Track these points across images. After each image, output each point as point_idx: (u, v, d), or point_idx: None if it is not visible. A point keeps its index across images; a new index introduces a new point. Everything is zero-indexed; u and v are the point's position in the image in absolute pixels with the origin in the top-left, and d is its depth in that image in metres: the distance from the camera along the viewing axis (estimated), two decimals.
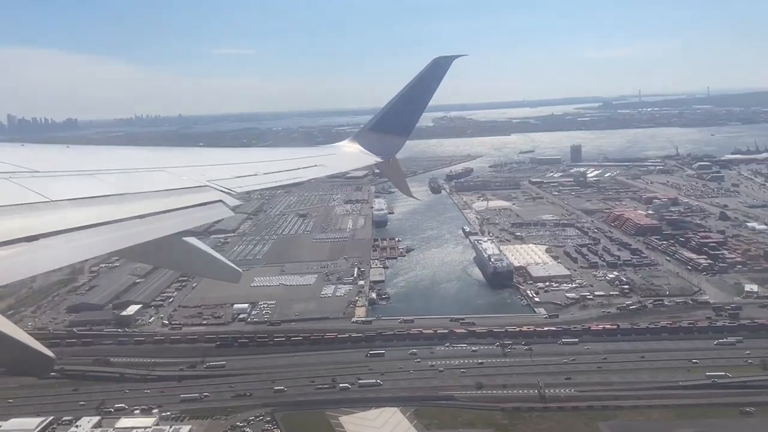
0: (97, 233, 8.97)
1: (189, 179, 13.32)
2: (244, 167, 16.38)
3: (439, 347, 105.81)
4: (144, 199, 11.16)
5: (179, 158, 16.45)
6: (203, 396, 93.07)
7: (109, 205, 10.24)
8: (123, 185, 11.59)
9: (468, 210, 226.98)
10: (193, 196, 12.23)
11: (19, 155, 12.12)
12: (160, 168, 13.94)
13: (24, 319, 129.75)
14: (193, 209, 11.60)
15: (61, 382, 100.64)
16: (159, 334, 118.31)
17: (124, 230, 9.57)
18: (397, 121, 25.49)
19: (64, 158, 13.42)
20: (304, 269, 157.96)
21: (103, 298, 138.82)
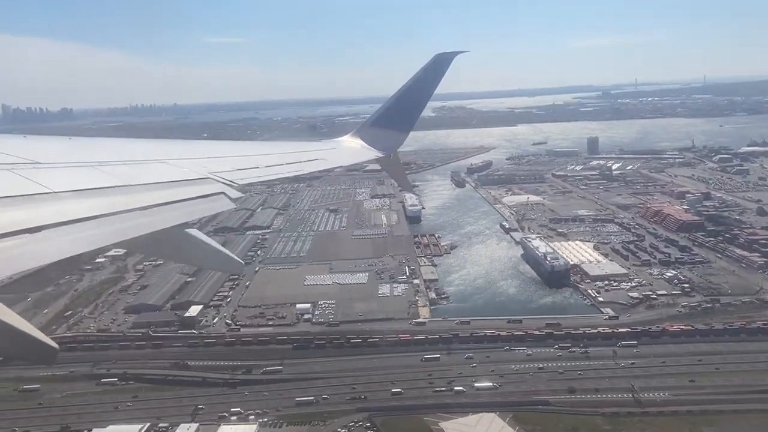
0: (100, 225, 9.07)
1: (191, 171, 13.42)
2: (245, 160, 16.51)
3: (520, 350, 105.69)
4: (146, 190, 11.29)
5: (181, 150, 16.62)
6: (323, 398, 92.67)
7: (111, 197, 10.33)
8: (125, 177, 11.65)
9: (499, 205, 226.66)
10: (195, 188, 12.36)
11: (22, 147, 12.27)
12: (162, 160, 14.04)
13: (84, 321, 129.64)
14: (195, 201, 11.74)
15: (142, 387, 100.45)
16: (228, 335, 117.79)
17: (127, 222, 9.65)
18: (398, 116, 25.81)
19: (66, 150, 13.59)
20: (353, 267, 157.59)
21: (160, 298, 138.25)
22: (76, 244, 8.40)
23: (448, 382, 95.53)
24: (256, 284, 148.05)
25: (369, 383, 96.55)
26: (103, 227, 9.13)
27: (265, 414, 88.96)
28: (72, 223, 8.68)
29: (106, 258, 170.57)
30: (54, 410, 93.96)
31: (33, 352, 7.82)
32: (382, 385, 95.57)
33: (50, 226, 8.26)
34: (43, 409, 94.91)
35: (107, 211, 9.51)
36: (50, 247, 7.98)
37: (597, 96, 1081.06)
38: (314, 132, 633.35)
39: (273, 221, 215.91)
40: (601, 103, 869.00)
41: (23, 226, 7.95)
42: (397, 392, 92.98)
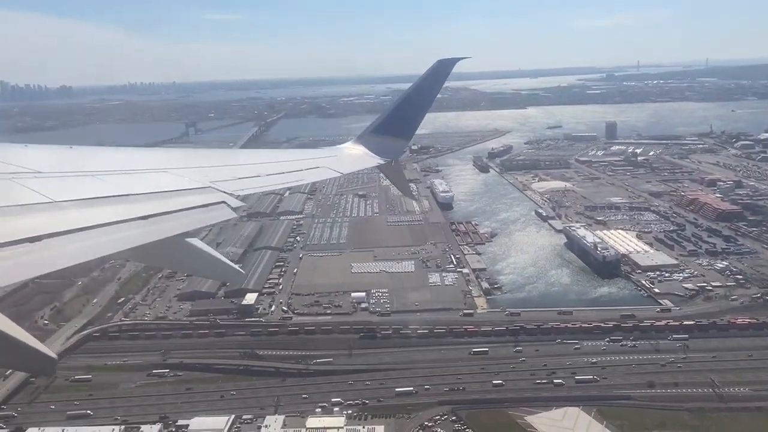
0: (100, 234, 9.11)
1: (191, 180, 13.48)
2: (246, 169, 16.50)
3: (590, 342, 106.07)
4: (147, 200, 11.32)
5: (182, 159, 16.67)
6: (424, 389, 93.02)
7: (112, 206, 10.37)
8: (126, 186, 11.73)
9: (529, 191, 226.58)
10: (196, 198, 12.41)
11: (23, 156, 12.32)
12: (162, 169, 14.09)
13: (138, 308, 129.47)
14: (195, 210, 11.77)
15: (213, 377, 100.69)
16: (290, 324, 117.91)
17: (128, 231, 9.69)
18: (400, 123, 25.72)
19: (67, 159, 13.65)
20: (396, 255, 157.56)
21: (211, 285, 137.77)
22: (77, 253, 8.44)
23: (549, 374, 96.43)
24: (303, 271, 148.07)
25: (450, 375, 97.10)
26: (104, 236, 9.19)
27: (351, 406, 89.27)
28: (73, 233, 8.73)
29: None
30: (134, 400, 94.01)
31: (31, 363, 7.76)
32: (472, 377, 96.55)
33: (51, 236, 8.31)
34: (120, 399, 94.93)
35: (108, 221, 9.57)
36: (50, 257, 8.01)
37: (601, 78, 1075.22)
38: (322, 113, 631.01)
39: (303, 206, 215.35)
40: (607, 86, 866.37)
41: (24, 235, 7.99)
42: (499, 384, 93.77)
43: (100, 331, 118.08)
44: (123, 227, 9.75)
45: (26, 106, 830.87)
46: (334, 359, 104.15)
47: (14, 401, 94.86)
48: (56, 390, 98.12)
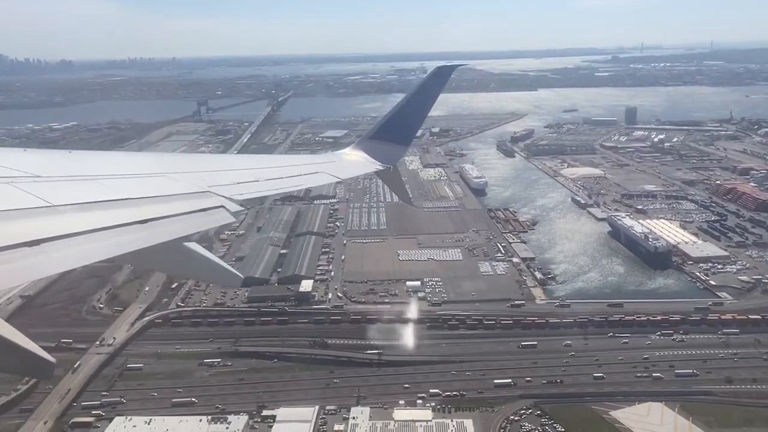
0: (99, 238, 9.19)
1: (190, 185, 13.56)
2: (245, 173, 16.66)
3: (654, 336, 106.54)
4: (145, 204, 11.39)
5: (180, 164, 16.79)
6: (526, 381, 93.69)
7: (110, 210, 10.45)
8: (124, 190, 11.82)
9: (560, 177, 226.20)
10: (195, 202, 12.45)
11: (21, 160, 12.49)
12: (161, 173, 14.19)
13: (194, 294, 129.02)
14: (194, 215, 11.79)
15: (286, 366, 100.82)
16: (352, 312, 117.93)
17: (126, 235, 9.74)
18: (399, 129, 25.89)
19: (66, 163, 13.78)
20: (440, 242, 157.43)
21: (263, 271, 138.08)
22: (74, 257, 8.45)
23: (646, 367, 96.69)
24: (350, 258, 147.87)
25: (530, 368, 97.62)
26: (102, 240, 9.25)
27: (433, 397, 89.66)
28: (71, 237, 8.75)
29: None
30: (211, 389, 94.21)
31: (28, 366, 7.81)
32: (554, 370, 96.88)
33: (49, 240, 8.35)
34: (194, 388, 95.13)
35: (106, 225, 9.64)
36: (48, 261, 8.00)
37: (606, 60, 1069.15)
38: (331, 92, 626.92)
39: (335, 191, 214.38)
40: (614, 68, 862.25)
41: (22, 239, 8.03)
42: (599, 377, 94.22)
43: (161, 318, 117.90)
44: (121, 231, 9.79)
45: (28, 81, 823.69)
46: (403, 350, 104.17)
47: (92, 388, 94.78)
48: (129, 378, 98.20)
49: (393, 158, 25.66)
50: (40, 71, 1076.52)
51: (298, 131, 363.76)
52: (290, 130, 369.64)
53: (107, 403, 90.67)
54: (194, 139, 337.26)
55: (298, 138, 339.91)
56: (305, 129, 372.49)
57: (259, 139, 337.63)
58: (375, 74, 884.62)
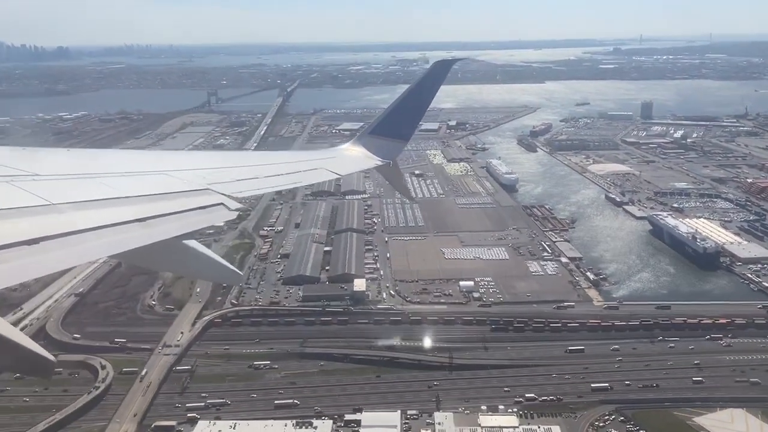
0: (98, 236, 9.28)
1: (190, 182, 13.63)
2: (244, 170, 16.70)
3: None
4: (145, 202, 11.47)
5: (180, 161, 16.83)
6: (625, 384, 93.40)
7: (110, 208, 10.52)
8: (124, 189, 11.89)
9: (588, 173, 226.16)
10: (195, 200, 12.54)
11: (21, 159, 12.69)
12: (161, 171, 14.25)
13: (247, 292, 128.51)
14: (194, 212, 11.90)
15: (357, 368, 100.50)
16: (410, 313, 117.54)
17: (125, 233, 9.83)
18: (398, 124, 26.05)
19: (66, 162, 13.94)
20: (482, 240, 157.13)
21: (312, 269, 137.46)
22: (74, 256, 8.56)
23: (742, 371, 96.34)
24: (395, 256, 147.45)
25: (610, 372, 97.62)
26: (101, 239, 9.30)
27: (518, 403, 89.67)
28: (70, 235, 8.84)
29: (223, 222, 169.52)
30: (287, 392, 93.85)
31: (28, 365, 7.76)
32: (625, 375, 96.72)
33: (49, 238, 8.43)
34: (271, 390, 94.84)
35: (106, 223, 9.70)
36: (48, 259, 8.11)
37: (608, 52, 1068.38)
38: (338, 83, 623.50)
39: (364, 185, 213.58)
40: (617, 60, 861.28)
41: (22, 237, 8.12)
42: (699, 381, 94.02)
43: (220, 317, 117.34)
44: (121, 229, 9.85)
45: (27, 68, 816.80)
46: (468, 353, 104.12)
47: (166, 391, 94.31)
48: (201, 380, 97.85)
49: (392, 154, 25.68)
50: (36, 58, 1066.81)
51: (312, 123, 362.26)
52: (304, 122, 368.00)
53: (211, 405, 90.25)
54: (210, 131, 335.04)
55: (315, 130, 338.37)
56: (319, 121, 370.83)
57: (275, 131, 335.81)
58: (377, 64, 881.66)
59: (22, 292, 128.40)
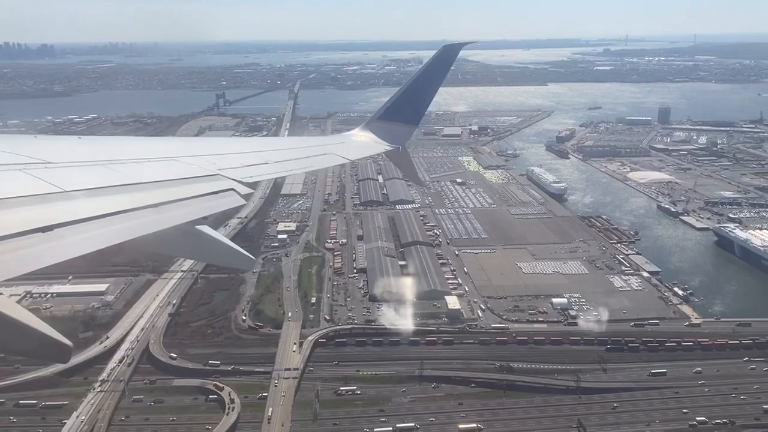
0: (111, 223, 9.45)
1: (200, 168, 13.87)
2: (254, 156, 16.92)
3: None
4: (156, 188, 11.71)
5: (190, 147, 17.10)
6: None
7: (121, 195, 10.72)
8: (135, 175, 12.07)
9: (630, 181, 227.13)
10: (205, 185, 12.77)
11: (33, 147, 12.81)
12: (171, 157, 14.46)
13: (337, 310, 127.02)
14: (205, 198, 12.14)
15: (476, 392, 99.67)
16: (512, 332, 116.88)
17: (138, 219, 10.01)
18: (407, 109, 26.20)
19: (77, 149, 14.14)
20: (553, 253, 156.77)
21: (395, 285, 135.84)
22: (87, 242, 8.63)
23: None
24: (472, 271, 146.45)
25: None
26: (114, 225, 9.41)
27: None
28: (83, 222, 8.96)
29: (283, 233, 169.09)
30: (423, 417, 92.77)
31: (47, 350, 7.99)
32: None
33: (62, 225, 8.53)
34: (404, 415, 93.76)
35: (118, 209, 9.82)
36: (61, 246, 8.19)
37: (599, 53, 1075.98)
38: (339, 84, 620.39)
39: (411, 194, 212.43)
40: (610, 61, 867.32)
41: (35, 225, 8.21)
42: None
43: (324, 337, 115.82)
44: (133, 215, 9.95)
45: (17, 67, 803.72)
46: (588, 375, 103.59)
47: (298, 418, 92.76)
48: (328, 405, 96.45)
49: (402, 138, 25.69)
50: (21, 56, 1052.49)
51: (330, 127, 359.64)
52: (322, 125, 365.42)
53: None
54: (231, 135, 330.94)
55: (336, 134, 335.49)
56: (337, 125, 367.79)
57: (296, 135, 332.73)
58: (371, 64, 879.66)
59: (107, 311, 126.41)
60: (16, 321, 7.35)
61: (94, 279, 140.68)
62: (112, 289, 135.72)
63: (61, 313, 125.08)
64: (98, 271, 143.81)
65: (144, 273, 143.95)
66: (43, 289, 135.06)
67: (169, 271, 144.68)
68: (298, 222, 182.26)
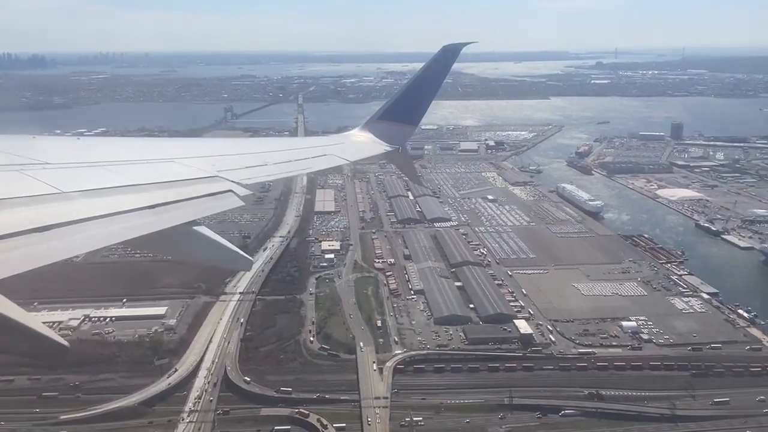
0: (108, 223, 9.54)
1: (199, 170, 13.95)
2: (253, 157, 17.06)
3: None
4: (155, 189, 11.77)
5: (189, 148, 17.26)
6: None
7: (120, 196, 10.80)
8: (134, 176, 12.20)
9: (661, 198, 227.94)
10: (204, 186, 12.89)
11: (31, 147, 13.14)
12: (170, 159, 14.53)
13: (405, 333, 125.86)
14: (203, 199, 12.27)
15: (577, 421, 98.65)
16: (591, 357, 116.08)
17: (134, 220, 10.10)
18: (407, 109, 26.27)
19: (75, 150, 14.35)
20: (606, 274, 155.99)
21: (458, 307, 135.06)
22: (83, 242, 8.72)
23: None
24: (530, 293, 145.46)
25: None
26: (110, 226, 9.46)
27: None
28: (80, 222, 9.01)
29: (329, 252, 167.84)
30: None
31: (43, 350, 7.97)
32: None
33: (59, 225, 8.60)
34: None
35: (115, 210, 9.87)
36: (57, 246, 8.26)
37: (591, 66, 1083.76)
38: (341, 98, 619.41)
39: (446, 212, 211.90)
40: (605, 75, 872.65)
41: (32, 225, 8.28)
42: None
43: (401, 363, 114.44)
44: (130, 216, 10.03)
45: (11, 77, 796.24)
46: (679, 401, 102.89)
47: None
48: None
49: (401, 139, 25.63)
50: (11, 66, 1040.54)
51: None
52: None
53: None
54: None
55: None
56: None
57: None
58: (368, 77, 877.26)
59: (171, 335, 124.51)
60: (14, 321, 7.21)
61: (148, 301, 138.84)
62: (170, 312, 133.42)
63: (125, 338, 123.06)
64: (151, 294, 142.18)
65: (198, 295, 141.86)
66: (101, 312, 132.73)
67: (225, 293, 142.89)
68: (341, 240, 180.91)
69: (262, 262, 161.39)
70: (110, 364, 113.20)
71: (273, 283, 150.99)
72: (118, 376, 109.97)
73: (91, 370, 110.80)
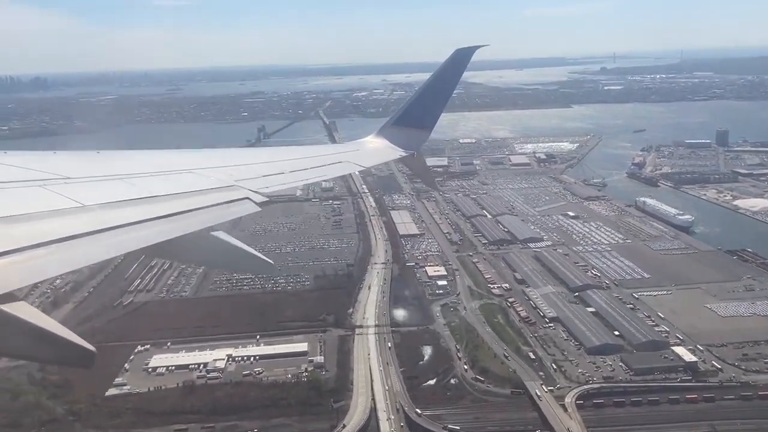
0: (126, 232, 9.61)
1: (217, 180, 14.14)
2: (270, 166, 17.22)
3: None
4: (173, 199, 11.90)
5: (206, 159, 17.60)
6: None
7: (139, 207, 10.95)
8: (152, 188, 12.34)
9: (741, 209, 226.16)
10: (221, 195, 13.00)
11: (52, 162, 13.22)
12: (188, 170, 14.76)
13: (564, 366, 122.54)
14: (220, 206, 12.36)
15: None
16: None
17: (153, 228, 10.18)
18: (421, 114, 26.28)
19: (95, 164, 14.68)
20: (729, 293, 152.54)
21: (607, 336, 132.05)
22: (102, 251, 8.79)
23: None
24: (667, 315, 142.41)
25: None
26: (129, 234, 9.56)
27: None
28: (100, 233, 9.10)
29: (438, 278, 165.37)
30: None
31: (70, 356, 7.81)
32: None
33: (78, 236, 8.69)
34: None
35: (133, 220, 9.97)
36: (77, 255, 8.36)
37: (596, 71, 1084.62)
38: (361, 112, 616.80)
39: (536, 233, 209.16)
40: (614, 80, 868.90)
41: (52, 237, 8.33)
42: None
43: (579, 398, 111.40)
44: (148, 225, 10.14)
45: (18, 101, 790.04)
46: None
47: None
48: None
49: (416, 144, 25.87)
50: (13, 89, 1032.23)
51: None
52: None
53: None
54: None
55: (402, 167, 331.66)
56: None
57: (367, 171, 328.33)
58: (378, 89, 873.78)
59: (325, 374, 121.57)
60: (41, 329, 7.20)
61: (280, 337, 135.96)
62: (311, 348, 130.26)
63: (278, 378, 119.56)
64: (279, 329, 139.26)
65: (329, 328, 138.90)
66: (242, 351, 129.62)
67: (358, 326, 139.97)
68: (443, 265, 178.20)
69: (378, 290, 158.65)
70: (279, 408, 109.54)
71: (398, 313, 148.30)
72: (292, 420, 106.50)
73: (262, 415, 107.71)
